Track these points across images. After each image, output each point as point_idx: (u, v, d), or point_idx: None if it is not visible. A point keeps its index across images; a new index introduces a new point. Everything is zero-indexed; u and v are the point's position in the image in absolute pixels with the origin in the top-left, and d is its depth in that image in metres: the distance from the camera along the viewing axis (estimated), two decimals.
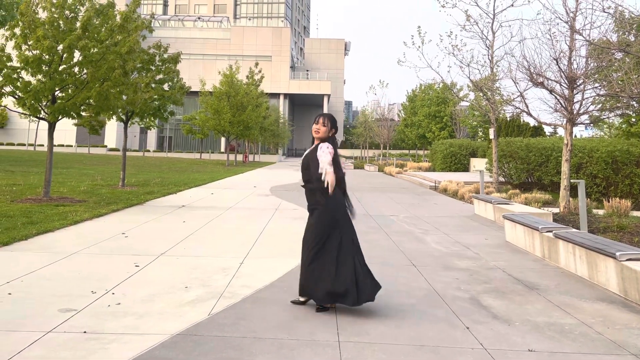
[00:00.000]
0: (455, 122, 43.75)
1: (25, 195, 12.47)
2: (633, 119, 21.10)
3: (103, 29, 12.21)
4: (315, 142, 4.77)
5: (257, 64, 41.33)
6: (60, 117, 11.81)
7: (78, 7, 12.08)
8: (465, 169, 30.97)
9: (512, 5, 16.07)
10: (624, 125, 22.58)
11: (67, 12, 11.88)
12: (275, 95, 65.68)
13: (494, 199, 11.38)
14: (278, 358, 3.59)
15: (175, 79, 17.61)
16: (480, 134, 44.00)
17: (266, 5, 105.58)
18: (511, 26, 31.38)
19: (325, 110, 69.82)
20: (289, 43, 70.42)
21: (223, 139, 60.46)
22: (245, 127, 37.01)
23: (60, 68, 11.49)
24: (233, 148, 52.32)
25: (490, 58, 16.20)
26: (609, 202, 10.96)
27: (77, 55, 11.62)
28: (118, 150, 55.78)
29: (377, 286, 4.64)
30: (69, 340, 3.76)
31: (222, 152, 59.97)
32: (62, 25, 11.73)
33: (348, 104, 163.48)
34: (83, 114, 12.89)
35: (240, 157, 49.87)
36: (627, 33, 10.35)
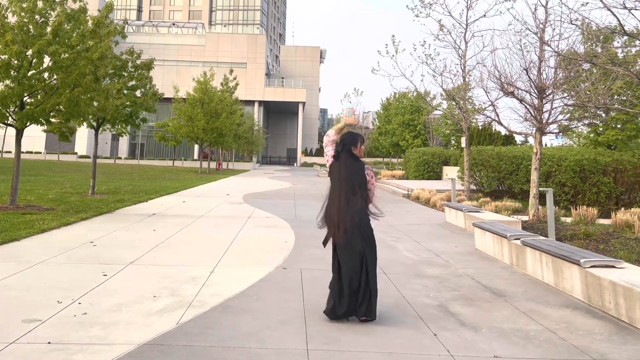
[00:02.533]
0: (428, 130, 44.23)
1: None
2: (600, 129, 21.60)
3: (74, 34, 12.06)
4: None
5: (231, 71, 41.13)
6: (28, 124, 11.58)
7: (49, 11, 11.88)
8: (438, 177, 31.29)
9: (485, 15, 16.36)
10: (591, 135, 23.09)
11: (37, 16, 11.69)
12: (250, 103, 65.45)
13: (465, 207, 11.52)
14: None
15: (148, 86, 17.41)
16: (453, 142, 44.46)
17: (242, 12, 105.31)
18: (483, 36, 31.72)
19: (300, 118, 69.89)
20: (265, 50, 70.32)
21: (196, 146, 60.02)
22: (219, 134, 36.78)
23: (30, 73, 11.29)
24: (206, 155, 51.97)
25: (462, 67, 16.47)
26: (576, 210, 11.19)
27: (47, 61, 11.43)
28: (89, 157, 54.83)
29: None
30: (33, 352, 3.69)
31: (195, 160, 59.47)
32: (32, 30, 11.53)
33: (323, 111, 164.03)
34: (52, 120, 12.69)
35: (213, 165, 49.50)
36: (594, 45, 10.63)
